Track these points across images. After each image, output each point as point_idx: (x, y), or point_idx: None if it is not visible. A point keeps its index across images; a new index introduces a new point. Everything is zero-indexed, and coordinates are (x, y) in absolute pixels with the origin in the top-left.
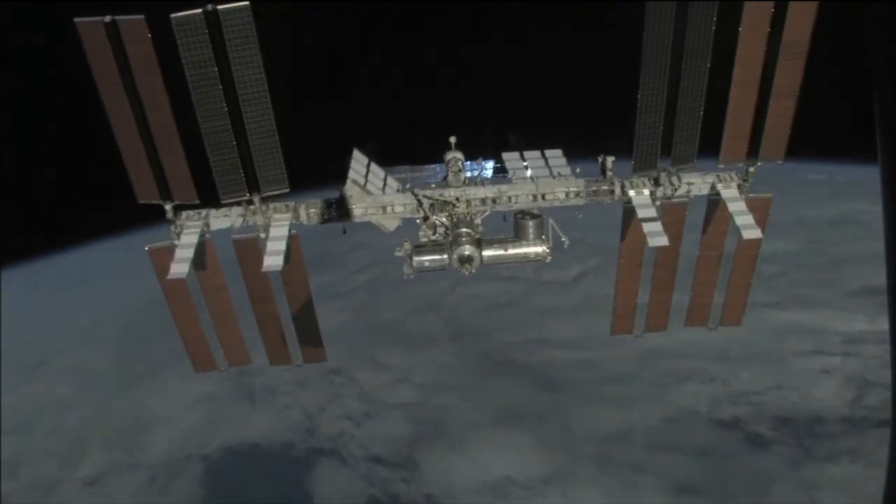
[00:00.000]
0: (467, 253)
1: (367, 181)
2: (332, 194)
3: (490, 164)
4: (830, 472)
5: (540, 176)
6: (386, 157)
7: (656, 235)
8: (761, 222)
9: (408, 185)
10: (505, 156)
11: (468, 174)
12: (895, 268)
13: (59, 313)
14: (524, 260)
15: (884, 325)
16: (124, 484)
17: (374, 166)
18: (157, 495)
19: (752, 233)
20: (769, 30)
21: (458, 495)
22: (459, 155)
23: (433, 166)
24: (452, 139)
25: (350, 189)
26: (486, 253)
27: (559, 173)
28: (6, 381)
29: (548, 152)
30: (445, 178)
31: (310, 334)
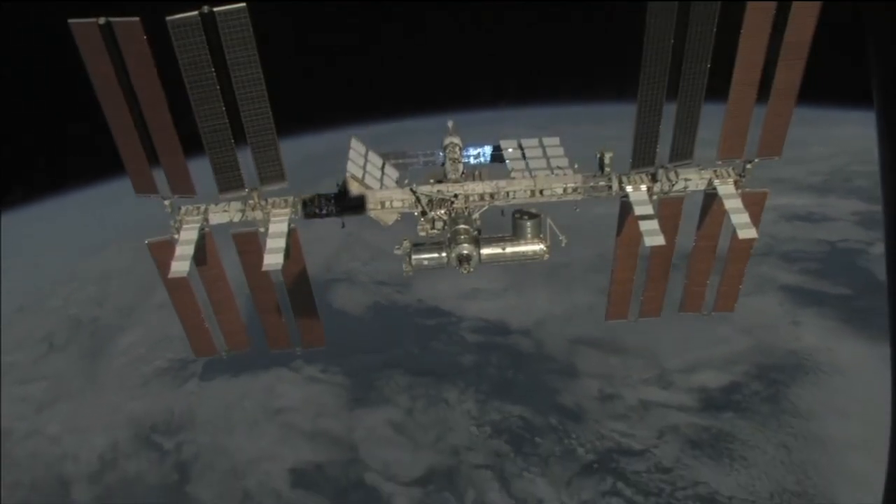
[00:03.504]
0: (465, 252)
1: (365, 173)
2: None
3: (488, 150)
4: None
5: (537, 168)
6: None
7: (653, 234)
8: (756, 216)
9: (406, 181)
10: (503, 143)
11: (465, 160)
12: (895, 268)
13: (111, 221)
14: (522, 258)
15: (773, 200)
16: None
17: (371, 155)
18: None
19: (747, 232)
20: (770, 30)
21: (440, 298)
22: (457, 139)
23: (431, 152)
24: (450, 123)
25: (349, 183)
26: (485, 251)
27: (557, 166)
28: (75, 259)
29: (545, 140)
30: (443, 163)
31: (309, 322)
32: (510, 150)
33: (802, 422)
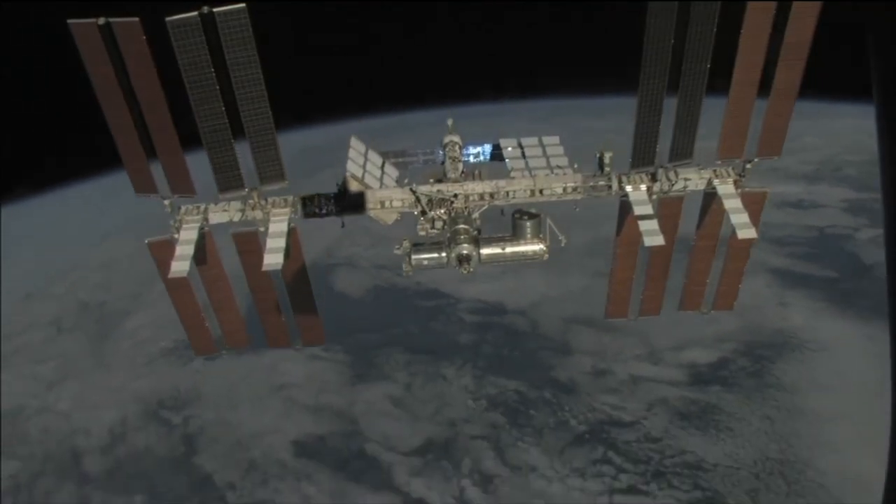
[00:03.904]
0: (465, 252)
1: (365, 172)
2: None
3: (488, 148)
4: None
5: (537, 168)
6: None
7: (652, 235)
8: (755, 215)
9: (406, 180)
10: (503, 142)
11: (465, 158)
12: (895, 268)
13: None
14: (522, 258)
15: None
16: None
17: (371, 153)
18: None
19: (747, 233)
20: (771, 30)
21: (439, 281)
22: (457, 138)
23: (431, 150)
24: (450, 121)
25: (348, 183)
26: (485, 251)
27: (557, 165)
28: (85, 247)
29: (545, 139)
30: (443, 162)
31: (309, 320)
32: (510, 148)
33: (786, 395)
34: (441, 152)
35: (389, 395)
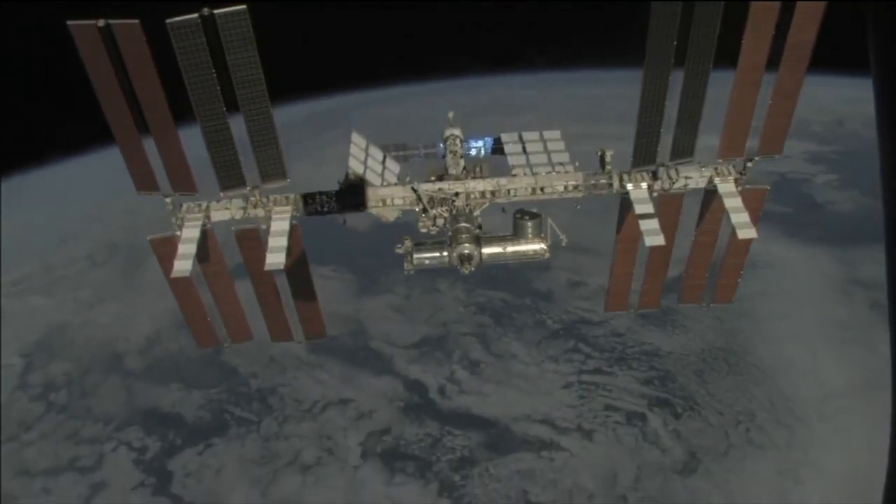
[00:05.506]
0: (467, 252)
1: (366, 168)
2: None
3: (489, 142)
4: None
5: (538, 164)
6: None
7: (653, 234)
8: (755, 212)
9: (408, 178)
10: (504, 137)
11: (467, 152)
12: (895, 268)
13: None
14: (523, 258)
15: None
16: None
17: (372, 148)
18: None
19: (747, 232)
20: (773, 32)
21: None
22: (458, 131)
23: (432, 144)
24: (451, 114)
25: (350, 180)
26: (486, 251)
27: (558, 162)
28: (110, 199)
29: (546, 134)
30: (444, 156)
31: (310, 314)
32: (511, 144)
33: (734, 301)
34: (442, 146)
35: (391, 304)
